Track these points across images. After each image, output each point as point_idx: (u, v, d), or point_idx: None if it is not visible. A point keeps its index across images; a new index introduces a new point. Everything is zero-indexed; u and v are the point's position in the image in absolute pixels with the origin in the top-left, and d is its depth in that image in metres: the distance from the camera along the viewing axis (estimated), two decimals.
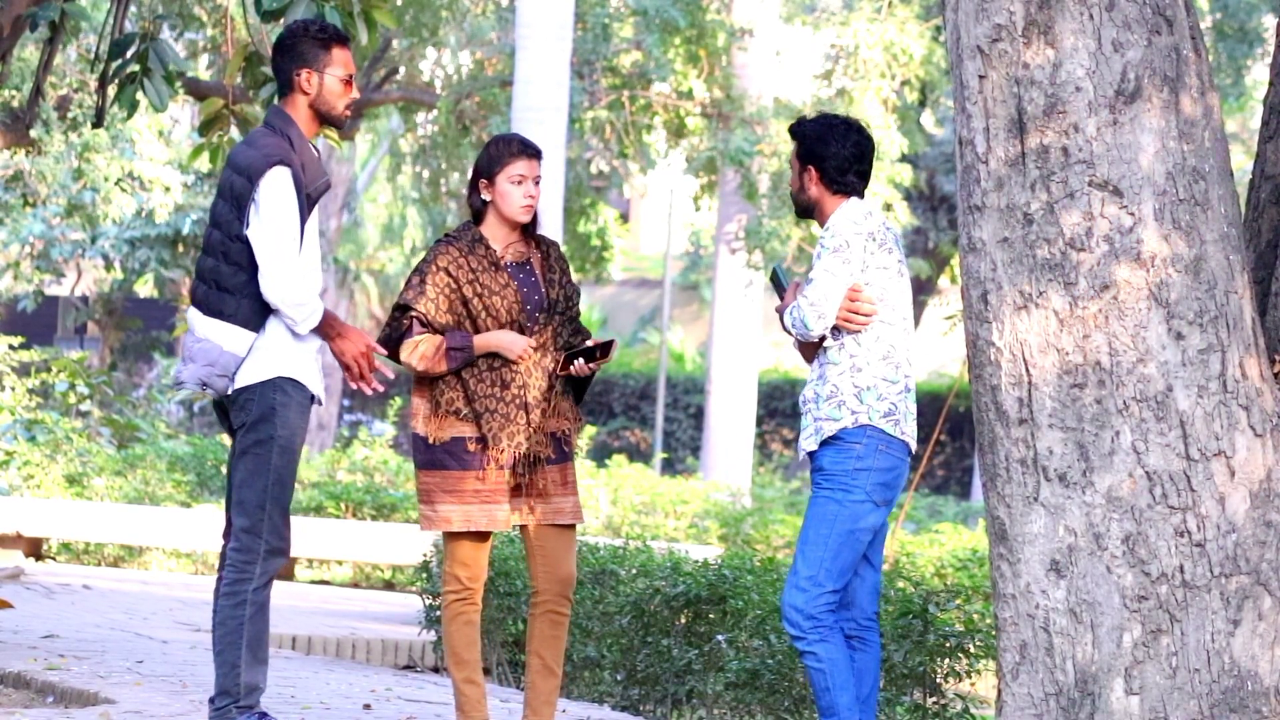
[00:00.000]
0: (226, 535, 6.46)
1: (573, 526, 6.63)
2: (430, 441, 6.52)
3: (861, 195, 6.38)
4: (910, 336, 6.36)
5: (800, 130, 6.41)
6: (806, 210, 6.45)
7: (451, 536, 6.56)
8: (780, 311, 6.36)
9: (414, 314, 6.52)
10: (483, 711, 6.57)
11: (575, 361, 6.55)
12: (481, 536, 6.56)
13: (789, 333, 6.30)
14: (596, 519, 17.14)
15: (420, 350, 6.50)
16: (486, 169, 6.55)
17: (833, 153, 6.33)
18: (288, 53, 6.42)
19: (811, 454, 6.32)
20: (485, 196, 6.57)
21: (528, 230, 6.64)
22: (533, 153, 6.55)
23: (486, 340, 6.51)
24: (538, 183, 6.57)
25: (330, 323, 6.39)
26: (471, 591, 6.56)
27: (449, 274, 6.52)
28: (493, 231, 6.60)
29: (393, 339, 6.57)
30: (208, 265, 6.39)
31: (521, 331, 6.55)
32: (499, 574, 9.84)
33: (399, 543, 15.00)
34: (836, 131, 6.36)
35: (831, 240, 6.23)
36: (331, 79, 6.42)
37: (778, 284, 6.48)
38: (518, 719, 7.75)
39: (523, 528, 6.61)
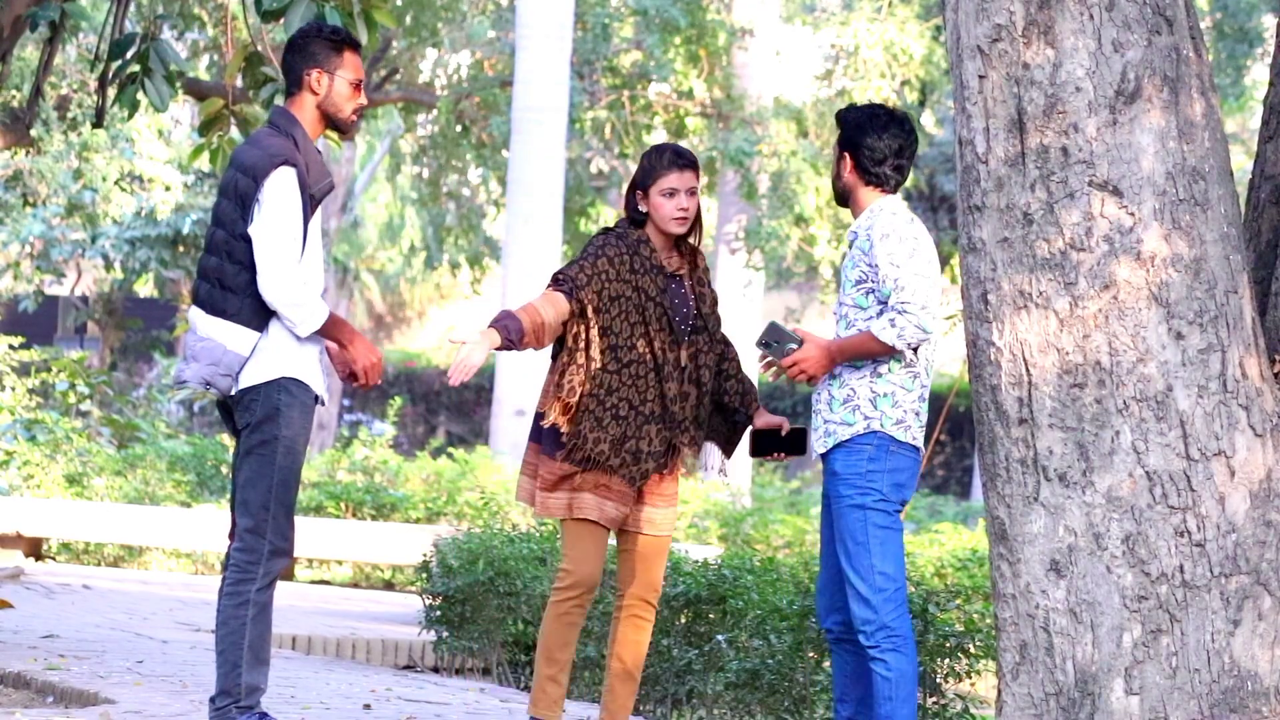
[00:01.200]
0: (232, 536, 6.45)
1: (668, 535, 6.66)
2: (562, 430, 6.50)
3: (894, 190, 6.39)
4: (932, 346, 6.34)
5: (844, 117, 6.43)
6: (842, 198, 6.48)
7: (573, 532, 6.54)
8: (861, 334, 6.30)
9: (562, 277, 6.49)
10: (556, 712, 6.56)
11: (773, 451, 6.64)
12: (600, 536, 6.55)
13: (889, 347, 6.20)
14: None
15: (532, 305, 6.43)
16: (641, 182, 6.61)
17: (868, 143, 6.34)
18: (299, 52, 6.42)
19: (823, 456, 6.33)
20: (642, 208, 6.62)
21: (680, 242, 6.67)
22: (685, 163, 6.57)
23: (476, 336, 6.32)
24: (692, 194, 6.58)
25: (339, 328, 6.36)
26: (585, 595, 6.55)
27: (609, 264, 6.53)
28: (653, 239, 6.64)
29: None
30: (211, 264, 6.38)
31: (674, 341, 6.55)
32: (499, 574, 9.84)
33: (399, 543, 14.99)
34: (877, 122, 6.35)
35: (901, 246, 6.22)
36: (341, 81, 6.42)
37: (779, 335, 6.41)
38: (519, 719, 7.75)
39: (618, 532, 6.64)
